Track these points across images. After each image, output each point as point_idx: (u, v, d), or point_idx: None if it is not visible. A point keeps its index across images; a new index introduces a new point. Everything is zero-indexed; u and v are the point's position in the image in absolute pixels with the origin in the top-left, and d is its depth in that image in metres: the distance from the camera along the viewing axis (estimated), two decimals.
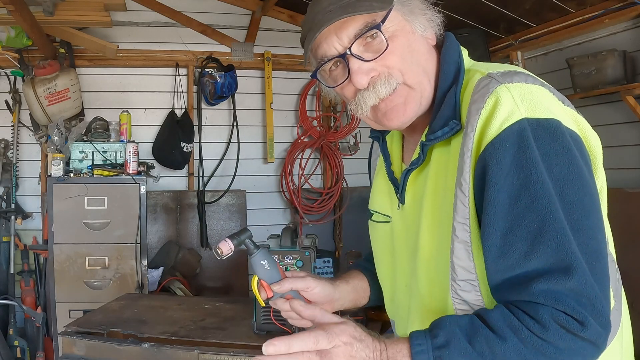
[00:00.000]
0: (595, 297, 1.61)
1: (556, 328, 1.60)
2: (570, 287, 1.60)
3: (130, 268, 6.39)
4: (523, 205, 1.66)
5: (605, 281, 1.66)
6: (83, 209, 6.32)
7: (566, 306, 1.60)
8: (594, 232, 1.67)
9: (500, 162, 1.68)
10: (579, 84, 6.28)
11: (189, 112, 8.14)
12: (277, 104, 8.58)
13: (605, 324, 1.62)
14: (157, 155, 7.90)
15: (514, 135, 1.68)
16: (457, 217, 1.80)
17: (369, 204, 2.41)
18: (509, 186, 1.68)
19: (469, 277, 1.82)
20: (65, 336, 3.34)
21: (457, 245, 1.81)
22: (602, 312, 1.61)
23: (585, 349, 1.62)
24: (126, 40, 7.91)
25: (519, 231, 1.67)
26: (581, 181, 1.68)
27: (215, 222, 8.12)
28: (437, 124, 1.90)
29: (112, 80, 7.99)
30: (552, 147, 1.68)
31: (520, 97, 1.72)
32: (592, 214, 1.69)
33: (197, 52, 8.21)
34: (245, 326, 3.48)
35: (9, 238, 7.25)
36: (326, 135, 8.66)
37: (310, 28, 1.95)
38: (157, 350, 3.12)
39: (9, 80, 7.46)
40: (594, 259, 1.64)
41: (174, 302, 4.25)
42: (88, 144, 6.58)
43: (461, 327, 1.68)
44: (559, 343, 1.60)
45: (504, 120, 1.69)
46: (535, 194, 1.65)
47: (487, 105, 1.74)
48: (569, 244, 1.61)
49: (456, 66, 1.97)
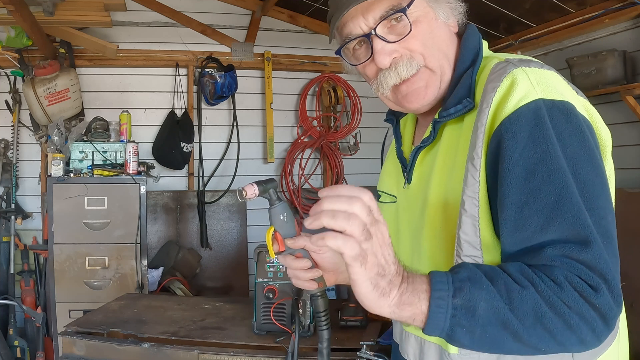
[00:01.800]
0: (609, 272, 1.61)
1: (570, 289, 1.58)
2: (584, 259, 1.60)
3: (130, 268, 6.39)
4: (540, 179, 1.67)
5: (616, 262, 1.67)
6: (83, 209, 6.33)
7: (580, 271, 1.60)
8: (605, 212, 1.69)
9: (517, 136, 1.69)
10: (579, 84, 6.24)
11: (189, 112, 8.14)
12: (277, 104, 8.59)
13: (618, 300, 1.62)
14: (157, 155, 7.90)
15: (530, 112, 1.70)
16: (466, 190, 1.81)
17: (378, 185, 2.43)
18: (525, 160, 1.69)
19: (474, 254, 1.82)
20: (65, 336, 3.35)
21: (465, 220, 1.82)
22: (615, 287, 1.61)
23: (595, 321, 1.59)
24: (126, 40, 7.92)
25: (535, 204, 1.67)
26: (593, 163, 1.70)
27: (215, 222, 8.11)
28: (450, 102, 1.93)
29: (112, 80, 7.99)
30: (567, 128, 1.70)
31: (536, 80, 1.75)
32: (603, 195, 1.71)
33: (197, 52, 8.21)
34: (245, 326, 3.48)
35: (9, 238, 7.25)
36: (326, 135, 8.66)
37: (338, 7, 2.00)
38: (157, 351, 3.12)
39: (9, 80, 7.45)
40: (606, 239, 1.65)
41: (174, 302, 4.25)
42: (88, 144, 6.58)
43: (482, 268, 1.67)
44: (572, 304, 1.58)
45: (521, 98, 1.72)
46: (553, 168, 1.66)
47: (504, 84, 1.77)
48: (585, 218, 1.63)
49: (475, 51, 2.02)
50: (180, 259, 7.48)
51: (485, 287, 1.59)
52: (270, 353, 3.04)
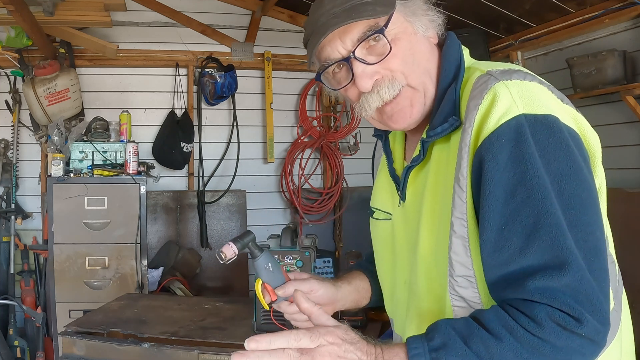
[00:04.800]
0: (592, 293, 1.60)
1: (552, 326, 1.60)
2: (565, 284, 1.60)
3: (130, 268, 6.39)
4: (519, 200, 1.67)
5: (603, 277, 1.66)
6: (83, 209, 6.32)
7: (562, 303, 1.59)
8: (592, 228, 1.67)
9: (497, 157, 1.68)
10: (579, 84, 6.28)
11: (189, 112, 8.14)
12: (277, 104, 8.59)
13: (604, 321, 1.62)
14: (157, 155, 7.90)
15: (511, 130, 1.68)
16: (455, 212, 1.81)
17: (371, 201, 2.42)
18: (505, 181, 1.68)
19: (466, 273, 1.83)
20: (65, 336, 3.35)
21: (455, 241, 1.82)
22: (600, 308, 1.61)
23: (584, 346, 1.62)
24: (126, 40, 7.92)
25: (515, 226, 1.67)
26: (579, 177, 1.68)
27: (215, 222, 8.12)
28: (437, 121, 1.90)
29: (112, 80, 7.99)
30: (550, 143, 1.68)
31: (518, 94, 1.73)
32: (590, 210, 1.69)
33: (197, 52, 8.21)
34: (245, 326, 3.48)
35: (9, 238, 7.25)
36: (326, 135, 8.66)
37: (314, 31, 1.99)
38: (157, 351, 3.12)
39: (9, 80, 7.46)
40: (592, 255, 1.64)
41: (174, 302, 4.25)
42: (88, 144, 6.58)
43: (456, 328, 1.69)
44: (555, 341, 1.60)
45: (502, 115, 1.70)
46: (532, 188, 1.65)
47: (485, 101, 1.75)
48: (564, 240, 1.61)
49: (456, 64, 1.98)
50: (180, 259, 7.48)
51: (461, 353, 1.64)
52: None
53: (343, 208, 8.76)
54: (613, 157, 6.15)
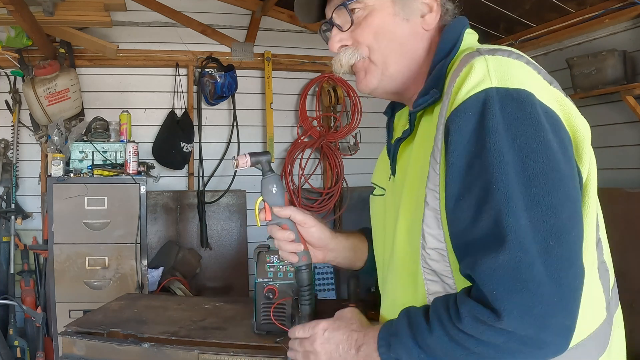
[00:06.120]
0: (532, 279, 1.54)
1: (469, 319, 1.61)
2: (500, 264, 1.57)
3: (130, 268, 6.39)
4: (475, 172, 1.66)
5: (563, 265, 1.57)
6: (83, 209, 6.32)
7: (488, 288, 1.58)
8: (556, 210, 1.59)
9: (462, 129, 1.69)
10: (579, 84, 6.29)
11: (189, 112, 8.15)
12: (277, 104, 8.60)
13: (542, 314, 1.54)
14: (157, 155, 7.91)
15: (478, 103, 1.68)
16: (429, 184, 1.82)
17: (372, 177, 2.49)
18: (466, 153, 1.68)
19: (437, 246, 1.83)
20: (65, 336, 3.34)
21: (427, 213, 1.83)
22: (543, 300, 1.54)
23: (511, 345, 1.59)
24: (126, 40, 7.92)
25: (469, 197, 1.67)
26: (547, 154, 1.62)
27: (215, 222, 8.12)
28: (421, 93, 1.96)
29: (112, 80, 7.99)
30: (518, 117, 1.65)
31: (495, 68, 1.72)
32: (557, 191, 1.61)
33: (197, 52, 8.22)
34: (245, 326, 3.47)
35: (9, 238, 7.26)
36: (326, 135, 8.67)
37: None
38: (157, 350, 3.12)
39: (9, 80, 7.46)
40: (552, 237, 1.57)
41: (174, 302, 4.24)
42: (88, 144, 6.58)
43: (410, 316, 1.82)
44: (478, 335, 1.61)
45: (472, 87, 1.70)
46: (486, 162, 1.63)
47: (462, 73, 1.76)
48: (509, 216, 1.58)
49: (452, 42, 2.01)
50: (180, 259, 7.48)
51: (406, 344, 1.78)
52: (271, 353, 3.03)
53: (343, 208, 8.77)
54: (613, 157, 6.15)
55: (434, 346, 1.69)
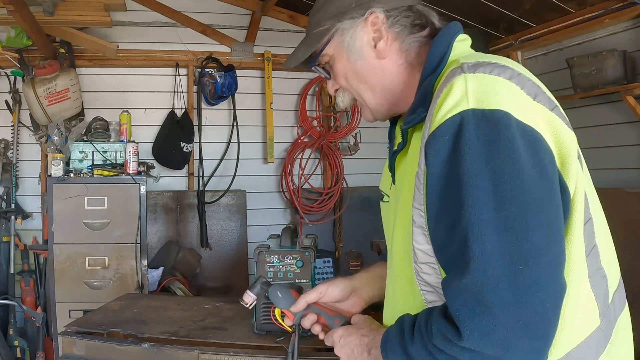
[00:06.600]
0: (495, 302, 1.57)
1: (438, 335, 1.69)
2: (464, 286, 1.61)
3: (130, 268, 6.39)
4: (450, 196, 1.69)
5: (531, 289, 1.57)
6: (83, 209, 6.33)
7: (453, 307, 1.64)
8: (527, 233, 1.60)
9: (439, 153, 1.71)
10: (579, 84, 6.29)
11: (189, 112, 8.16)
12: (277, 104, 8.60)
13: (505, 336, 1.56)
14: (157, 155, 7.91)
15: (454, 126, 1.69)
16: (414, 202, 1.87)
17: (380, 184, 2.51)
18: (443, 176, 1.72)
19: (428, 260, 1.88)
20: (65, 336, 3.34)
21: (415, 230, 1.88)
22: (504, 321, 1.56)
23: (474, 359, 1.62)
24: (126, 40, 7.92)
25: (444, 220, 1.72)
26: (520, 177, 1.62)
27: (215, 222, 8.13)
28: (409, 111, 1.99)
29: (112, 80, 8.00)
30: (492, 139, 1.64)
31: (474, 88, 1.71)
32: (529, 214, 1.61)
33: (197, 52, 8.22)
34: (245, 326, 3.47)
35: (9, 238, 7.26)
36: (326, 135, 8.67)
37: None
38: (157, 351, 3.12)
39: (9, 80, 7.47)
40: (521, 261, 1.58)
41: (174, 302, 4.25)
42: (88, 144, 6.58)
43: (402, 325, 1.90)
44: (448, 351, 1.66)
45: (449, 110, 1.71)
46: (460, 185, 1.65)
47: (442, 94, 1.76)
48: (474, 240, 1.60)
49: (440, 56, 2.00)
50: (180, 259, 7.49)
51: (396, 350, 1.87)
52: (271, 353, 3.04)
53: (343, 208, 8.77)
54: (613, 157, 6.15)
55: (416, 355, 1.78)
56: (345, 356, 2.22)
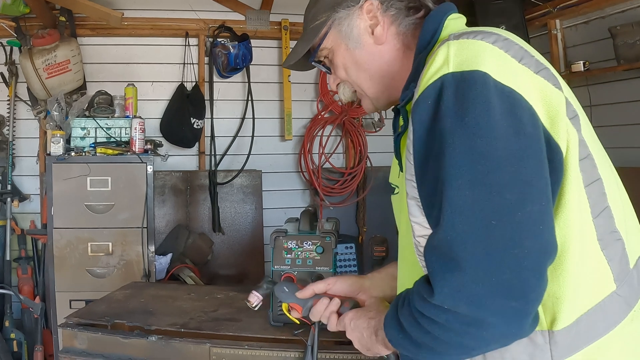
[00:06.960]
0: (466, 257, 1.65)
1: (416, 297, 1.81)
2: (436, 242, 1.74)
3: (136, 254, 6.41)
4: (431, 158, 1.81)
5: (506, 244, 1.64)
6: (85, 190, 6.35)
7: (428, 265, 1.77)
8: (502, 188, 1.68)
9: (422, 118, 1.84)
10: (623, 55, 6.24)
11: (199, 86, 8.15)
12: (296, 77, 8.54)
13: (477, 293, 1.64)
14: (165, 132, 7.91)
15: (435, 91, 1.81)
16: (407, 175, 1.97)
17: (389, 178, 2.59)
18: (426, 140, 1.84)
19: (424, 233, 1.92)
20: (65, 328, 3.35)
21: (410, 202, 1.97)
22: (475, 277, 1.64)
23: (452, 323, 1.70)
24: (132, 7, 7.90)
25: (428, 184, 1.84)
26: (493, 134, 1.71)
27: (229, 205, 8.14)
28: (403, 89, 2.12)
29: (116, 51, 7.99)
30: (468, 97, 1.74)
31: (455, 53, 1.83)
32: (502, 170, 1.69)
33: (209, 21, 8.19)
34: (261, 317, 3.47)
35: (5, 222, 7.28)
36: (348, 110, 8.60)
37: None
38: (166, 344, 3.12)
39: (4, 50, 7.47)
40: (494, 217, 1.66)
41: (183, 292, 4.25)
42: (90, 120, 6.59)
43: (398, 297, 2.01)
44: (427, 313, 1.75)
45: (431, 76, 1.84)
46: (439, 144, 1.77)
47: (427, 64, 1.90)
48: (447, 196, 1.72)
49: (430, 34, 2.14)
50: (190, 245, 7.50)
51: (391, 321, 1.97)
52: (288, 346, 3.03)
53: (367, 189, 8.75)
54: None
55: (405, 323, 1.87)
56: (357, 340, 2.37)
